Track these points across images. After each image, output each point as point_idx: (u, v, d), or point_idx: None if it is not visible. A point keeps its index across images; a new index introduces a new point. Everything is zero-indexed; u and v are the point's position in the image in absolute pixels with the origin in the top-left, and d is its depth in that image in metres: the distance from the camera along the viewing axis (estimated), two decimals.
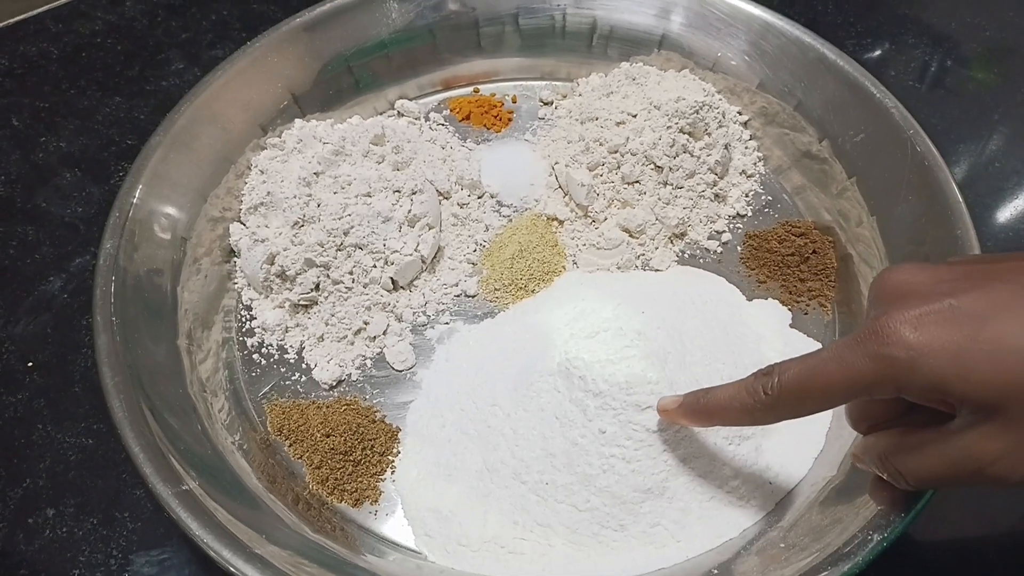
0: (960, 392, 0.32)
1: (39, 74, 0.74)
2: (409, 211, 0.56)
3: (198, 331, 0.53)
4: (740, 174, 0.63)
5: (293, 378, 0.54)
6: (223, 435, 0.49)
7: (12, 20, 0.78)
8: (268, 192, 0.56)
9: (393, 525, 0.48)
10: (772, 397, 0.37)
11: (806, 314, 0.56)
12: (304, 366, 0.54)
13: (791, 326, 0.55)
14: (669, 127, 0.59)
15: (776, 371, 0.37)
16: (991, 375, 0.31)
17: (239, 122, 0.60)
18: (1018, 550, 0.48)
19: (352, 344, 0.55)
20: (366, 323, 0.55)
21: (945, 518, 0.49)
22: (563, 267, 0.58)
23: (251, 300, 0.57)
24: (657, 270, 0.58)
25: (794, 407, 0.37)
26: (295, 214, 0.55)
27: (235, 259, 0.58)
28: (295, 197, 0.55)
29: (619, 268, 0.58)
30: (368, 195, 0.56)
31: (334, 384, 0.53)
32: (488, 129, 0.68)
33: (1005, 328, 0.32)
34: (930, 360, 0.32)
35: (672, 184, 0.59)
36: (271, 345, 0.55)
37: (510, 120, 0.68)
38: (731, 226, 0.61)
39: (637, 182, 0.59)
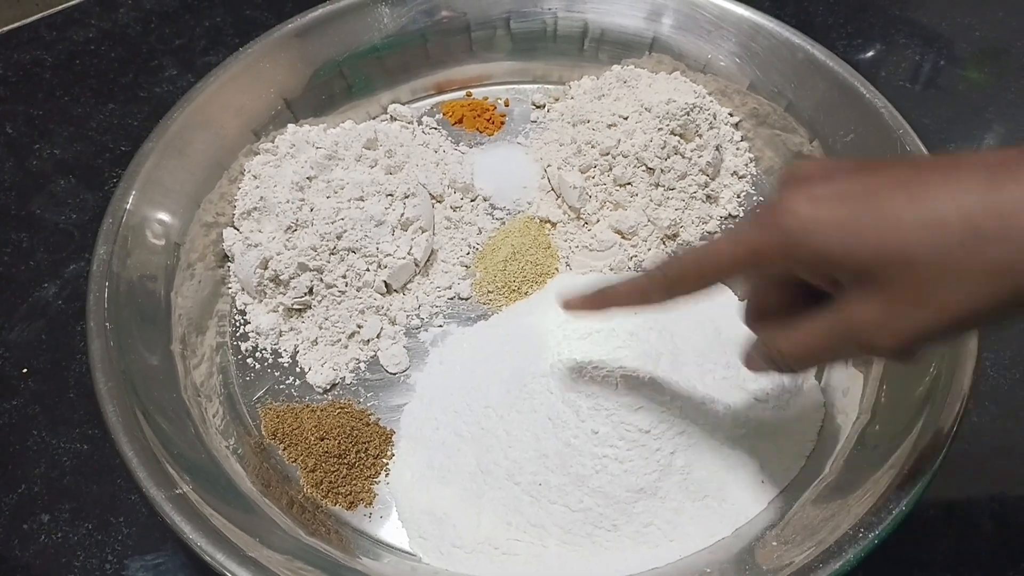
0: (844, 261, 0.34)
1: (33, 81, 0.74)
2: (402, 215, 0.57)
3: (192, 336, 0.53)
4: (732, 175, 0.63)
5: (287, 382, 0.54)
6: (217, 439, 0.49)
7: (6, 28, 0.78)
8: (261, 197, 0.56)
9: (388, 527, 0.48)
10: (668, 277, 0.39)
11: None
12: (298, 370, 0.54)
13: None
14: (660, 129, 0.59)
15: (672, 256, 0.40)
16: (873, 244, 0.33)
17: (232, 128, 0.60)
18: (1011, 548, 0.48)
19: (346, 347, 0.55)
20: (360, 326, 0.55)
21: (937, 516, 0.49)
22: (556, 269, 0.58)
23: (245, 305, 0.57)
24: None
25: (688, 283, 0.39)
26: (288, 219, 0.55)
27: (228, 264, 0.58)
28: (288, 202, 0.55)
29: (612, 270, 0.58)
30: (361, 199, 0.56)
31: (328, 388, 0.54)
32: (481, 132, 0.68)
33: (891, 202, 0.33)
34: (819, 231, 0.34)
35: (664, 186, 0.59)
36: (265, 349, 0.55)
37: (502, 123, 0.69)
38: (723, 227, 0.61)
39: (629, 184, 0.59)
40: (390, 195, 0.57)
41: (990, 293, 0.32)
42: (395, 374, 0.54)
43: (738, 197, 0.63)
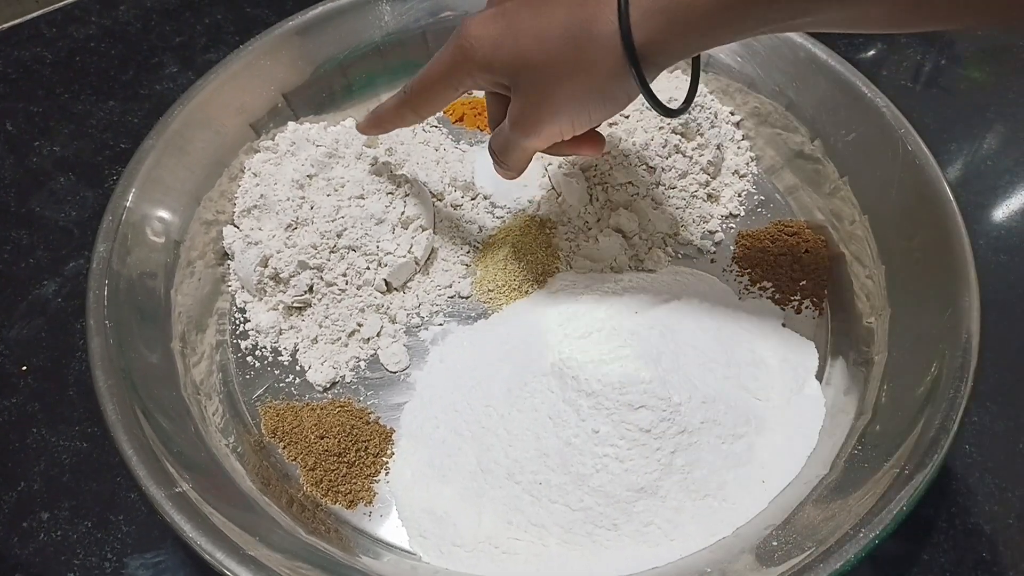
0: (496, 70, 0.43)
1: (33, 79, 0.74)
2: (402, 213, 0.57)
3: (192, 334, 0.53)
4: (733, 174, 0.63)
5: (287, 380, 0.54)
6: (217, 438, 0.49)
7: (6, 25, 0.78)
8: (261, 195, 0.56)
9: (388, 526, 0.48)
10: (408, 95, 0.49)
11: (799, 313, 0.56)
12: (298, 368, 0.54)
13: (784, 325, 0.55)
14: (661, 127, 0.59)
15: (412, 78, 0.49)
16: (509, 54, 0.42)
17: (232, 125, 0.60)
18: (1011, 549, 0.48)
19: (346, 346, 0.55)
20: (360, 325, 0.55)
21: (938, 516, 0.49)
22: (556, 268, 0.58)
23: (245, 303, 0.57)
24: (650, 270, 0.58)
25: (420, 99, 0.49)
26: (288, 216, 0.55)
27: (228, 262, 0.58)
28: (288, 200, 0.55)
29: (612, 269, 0.58)
30: (361, 197, 0.56)
31: (328, 386, 0.54)
32: (482, 131, 0.68)
33: (524, 20, 0.41)
34: (480, 47, 0.43)
35: (665, 184, 0.59)
36: (265, 347, 0.55)
37: None
38: (724, 226, 0.61)
39: (630, 183, 0.59)
40: (390, 193, 0.57)
41: (584, 84, 0.41)
42: (395, 372, 0.54)
43: (739, 196, 0.62)
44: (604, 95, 0.42)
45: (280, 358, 0.55)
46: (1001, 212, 0.64)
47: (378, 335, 0.55)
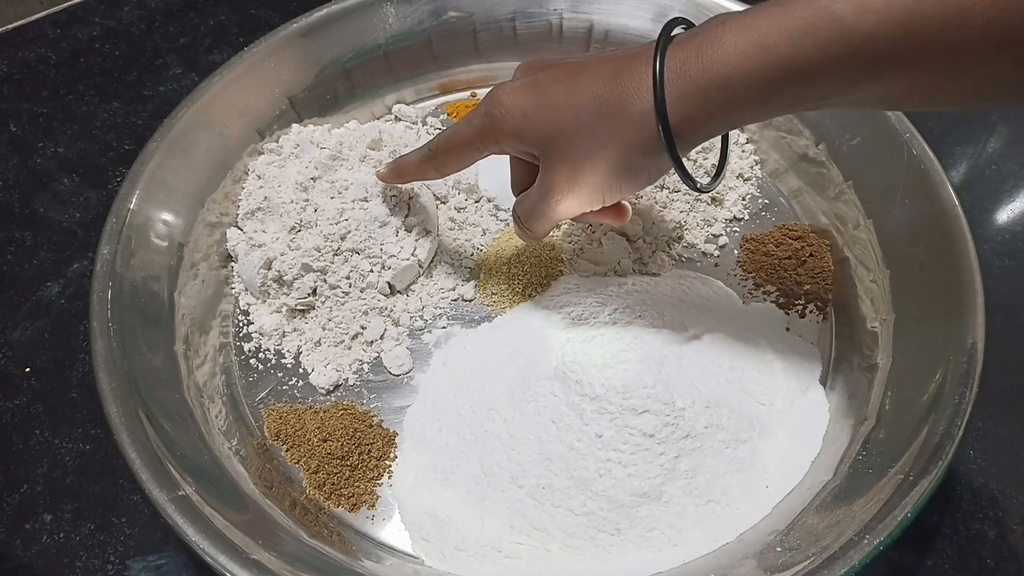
0: (527, 139, 0.44)
1: (37, 79, 0.74)
2: (406, 216, 0.57)
3: (195, 336, 0.53)
4: (737, 177, 0.63)
5: (290, 383, 0.54)
6: (220, 440, 0.49)
7: (10, 25, 0.78)
8: (265, 197, 0.56)
9: (390, 530, 0.48)
10: (432, 153, 0.50)
11: (803, 317, 0.56)
12: (301, 371, 0.54)
13: (788, 329, 0.55)
14: None
15: (436, 136, 0.50)
16: (540, 125, 0.43)
17: (236, 127, 0.60)
18: (1015, 555, 0.48)
19: (349, 349, 0.55)
20: (363, 328, 0.55)
21: (942, 522, 0.49)
22: (560, 271, 0.58)
23: (248, 305, 0.57)
24: (654, 274, 0.58)
25: (446, 158, 0.50)
26: (292, 219, 0.55)
27: (232, 264, 0.58)
28: (292, 202, 0.55)
29: (616, 272, 0.58)
30: (365, 200, 0.56)
31: (331, 389, 0.53)
32: None
33: (555, 92, 0.42)
34: (511, 117, 0.43)
35: (668, 187, 0.59)
36: (268, 350, 0.55)
37: None
38: (728, 230, 0.61)
39: None
40: (394, 196, 0.57)
41: (615, 159, 0.41)
42: (398, 376, 0.54)
43: (743, 200, 0.62)
44: (635, 170, 0.42)
45: (283, 361, 0.55)
46: (1006, 216, 0.64)
47: (381, 338, 0.55)
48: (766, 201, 0.63)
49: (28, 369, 0.56)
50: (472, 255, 0.60)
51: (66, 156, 0.69)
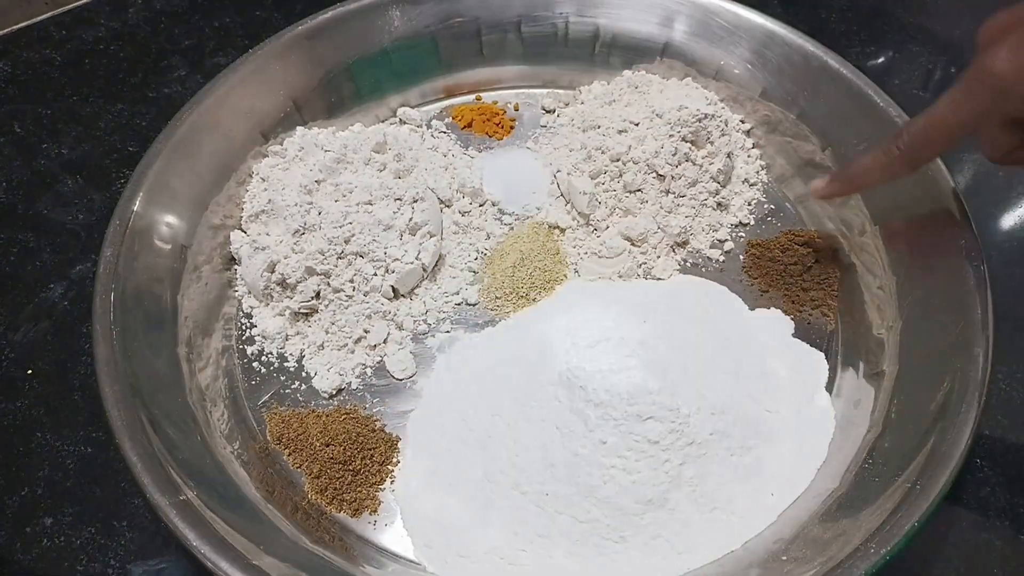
0: None
1: (42, 81, 0.74)
2: (410, 219, 0.56)
3: (198, 339, 0.53)
4: (743, 183, 0.63)
5: (293, 387, 0.54)
6: (222, 444, 0.49)
7: (15, 26, 0.78)
8: (269, 200, 0.56)
9: (392, 535, 0.47)
10: (904, 150, 0.45)
11: (809, 323, 0.55)
12: (304, 374, 0.54)
13: (794, 335, 0.55)
14: (671, 135, 0.58)
15: (903, 130, 0.45)
16: None
17: (241, 129, 0.60)
18: (1021, 564, 0.48)
19: (352, 352, 0.55)
20: (366, 331, 0.55)
21: (949, 531, 0.49)
22: (564, 276, 0.58)
23: (251, 308, 0.57)
24: (659, 279, 0.58)
25: (924, 152, 0.45)
26: (296, 222, 0.54)
27: (236, 267, 0.58)
28: (296, 205, 0.55)
29: (621, 277, 0.57)
30: (369, 203, 0.56)
31: (334, 393, 0.53)
32: (490, 137, 0.67)
33: None
34: (1021, 79, 0.39)
35: (674, 193, 0.59)
36: (271, 353, 0.55)
37: (512, 128, 0.68)
38: (733, 235, 0.61)
39: (639, 190, 0.59)
40: (398, 199, 0.57)
41: None
42: (401, 380, 0.54)
43: (749, 205, 0.62)
44: None
45: (286, 364, 0.55)
46: (1012, 221, 0.64)
47: (385, 342, 0.55)
48: (772, 206, 0.62)
49: (30, 371, 0.56)
50: (476, 259, 0.60)
51: (70, 158, 0.69)
